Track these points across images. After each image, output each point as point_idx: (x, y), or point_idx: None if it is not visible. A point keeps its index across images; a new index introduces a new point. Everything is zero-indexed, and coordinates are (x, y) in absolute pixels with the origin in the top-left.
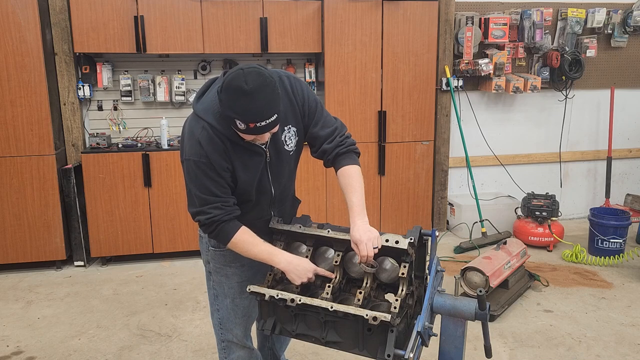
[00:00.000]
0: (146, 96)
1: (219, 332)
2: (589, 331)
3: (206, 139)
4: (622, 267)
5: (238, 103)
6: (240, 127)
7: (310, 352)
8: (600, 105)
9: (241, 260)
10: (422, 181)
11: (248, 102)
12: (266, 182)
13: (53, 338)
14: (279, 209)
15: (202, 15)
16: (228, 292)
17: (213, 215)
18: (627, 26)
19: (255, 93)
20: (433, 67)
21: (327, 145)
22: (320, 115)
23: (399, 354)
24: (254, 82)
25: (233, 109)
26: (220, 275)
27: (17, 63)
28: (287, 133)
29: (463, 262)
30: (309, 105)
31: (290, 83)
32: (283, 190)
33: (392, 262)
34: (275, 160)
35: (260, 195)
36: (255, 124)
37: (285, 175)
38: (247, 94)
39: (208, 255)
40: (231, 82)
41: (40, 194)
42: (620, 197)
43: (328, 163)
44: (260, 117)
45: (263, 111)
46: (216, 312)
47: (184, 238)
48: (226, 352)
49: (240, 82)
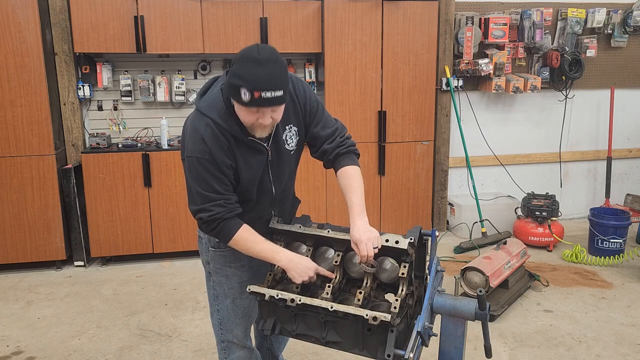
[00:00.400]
0: (146, 96)
1: (219, 332)
2: (589, 331)
3: (210, 136)
4: (622, 267)
5: (247, 69)
6: (245, 97)
7: (310, 352)
8: (600, 105)
9: (241, 260)
10: (422, 181)
11: (257, 68)
12: (267, 181)
13: (53, 338)
14: (280, 208)
15: (202, 15)
16: (228, 292)
17: (215, 212)
18: (627, 26)
19: (266, 62)
20: (433, 67)
21: (328, 146)
22: (321, 115)
23: (399, 354)
24: (267, 54)
25: (241, 76)
26: (220, 275)
27: (17, 63)
28: (288, 132)
29: (463, 262)
30: (310, 105)
31: (292, 83)
32: (284, 190)
33: (392, 262)
34: (276, 159)
35: (261, 195)
36: (260, 93)
37: (285, 175)
38: (258, 62)
39: (208, 256)
40: (245, 52)
41: (40, 194)
42: (620, 197)
43: (328, 164)
44: (266, 85)
45: (270, 80)
46: (216, 313)
47: (184, 238)
48: (226, 353)
49: (253, 52)
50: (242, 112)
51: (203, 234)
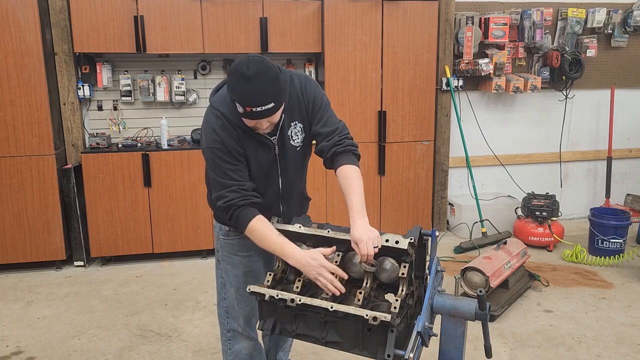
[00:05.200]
0: (146, 96)
1: (225, 320)
2: (589, 331)
3: (220, 127)
4: (622, 267)
5: (237, 86)
6: (239, 109)
7: (310, 352)
8: (600, 105)
9: (248, 250)
10: (422, 181)
11: (246, 86)
12: (275, 176)
13: (53, 338)
14: (288, 204)
15: (202, 15)
16: (234, 280)
17: (230, 198)
18: (627, 26)
19: (253, 79)
20: (433, 67)
21: (325, 143)
22: (324, 113)
23: (399, 354)
24: (255, 69)
25: (233, 91)
26: (227, 263)
27: (17, 63)
28: (294, 129)
29: (463, 262)
30: (314, 103)
31: (300, 82)
32: (291, 185)
33: (392, 262)
34: (282, 154)
35: (268, 189)
36: (250, 109)
37: (291, 170)
38: (246, 78)
39: (218, 244)
40: (235, 66)
41: (40, 194)
42: (621, 197)
43: (327, 162)
44: (254, 102)
45: (258, 97)
46: (222, 301)
47: (184, 238)
48: (231, 343)
49: (242, 67)
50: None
51: (216, 223)
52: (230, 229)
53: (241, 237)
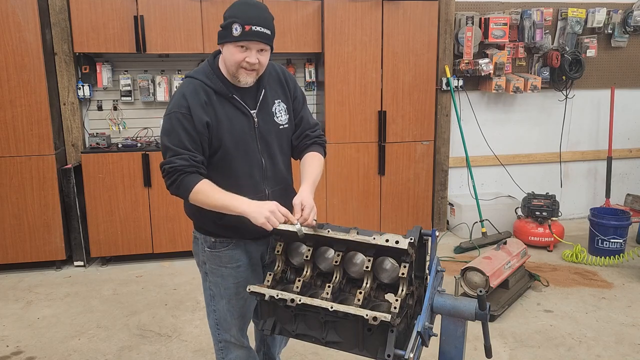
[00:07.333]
0: (146, 96)
1: (216, 332)
2: (589, 331)
3: (191, 91)
4: (622, 267)
5: (241, 8)
6: (236, 32)
7: (310, 352)
8: (600, 105)
9: (237, 261)
10: (422, 181)
11: (250, 7)
12: (255, 150)
13: (53, 338)
14: (273, 189)
15: (202, 15)
16: (224, 293)
17: (177, 164)
18: (627, 26)
19: (257, 5)
20: (433, 67)
21: (294, 136)
22: (302, 109)
23: (399, 354)
24: (259, 1)
25: (234, 14)
26: (216, 276)
27: (17, 63)
28: (278, 107)
29: (463, 262)
30: (296, 95)
31: (282, 70)
32: (275, 168)
33: (392, 262)
34: (263, 127)
35: (251, 167)
36: (250, 27)
37: (275, 149)
38: (252, 3)
39: (204, 256)
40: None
41: (40, 194)
42: (621, 197)
43: (295, 154)
44: (257, 20)
45: (260, 17)
46: (212, 313)
47: (184, 238)
48: (224, 353)
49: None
50: (230, 52)
51: (199, 234)
52: (217, 240)
53: (229, 248)
